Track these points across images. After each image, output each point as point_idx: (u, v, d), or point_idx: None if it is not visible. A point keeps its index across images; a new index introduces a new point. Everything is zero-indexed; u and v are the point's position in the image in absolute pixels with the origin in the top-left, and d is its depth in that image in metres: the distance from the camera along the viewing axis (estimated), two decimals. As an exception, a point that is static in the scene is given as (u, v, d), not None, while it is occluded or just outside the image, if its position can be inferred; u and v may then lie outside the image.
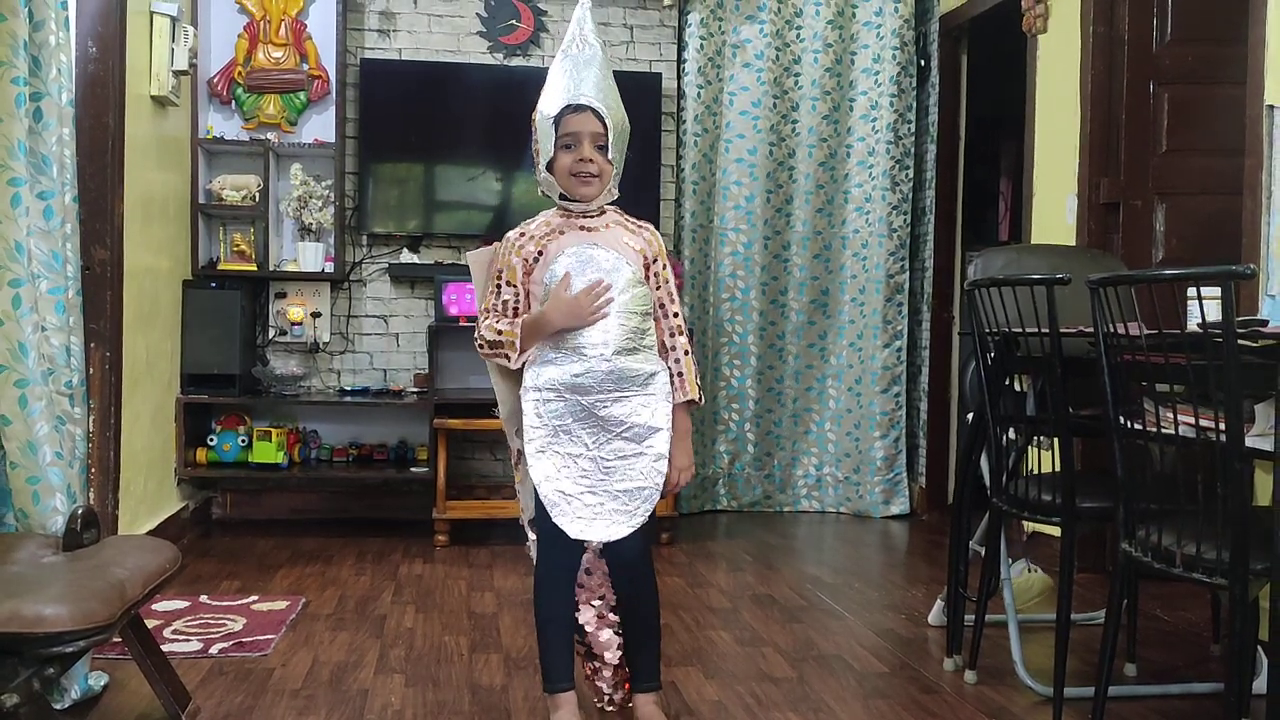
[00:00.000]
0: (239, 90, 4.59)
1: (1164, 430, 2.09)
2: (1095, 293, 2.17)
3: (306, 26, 4.65)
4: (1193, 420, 2.05)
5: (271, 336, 4.71)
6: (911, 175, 4.97)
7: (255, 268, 4.52)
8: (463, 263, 4.78)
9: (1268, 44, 3.05)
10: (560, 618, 2.31)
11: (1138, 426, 2.20)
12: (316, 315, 4.71)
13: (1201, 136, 3.77)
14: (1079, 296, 2.29)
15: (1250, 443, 1.96)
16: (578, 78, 2.21)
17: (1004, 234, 6.44)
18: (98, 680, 2.56)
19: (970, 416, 2.97)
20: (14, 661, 1.87)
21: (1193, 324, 2.12)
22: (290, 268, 4.60)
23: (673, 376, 2.30)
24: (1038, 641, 2.91)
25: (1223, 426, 1.94)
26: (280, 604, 3.35)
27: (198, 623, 3.13)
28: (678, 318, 2.34)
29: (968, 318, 2.79)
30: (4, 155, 2.30)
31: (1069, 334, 2.46)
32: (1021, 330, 2.52)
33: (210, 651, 2.88)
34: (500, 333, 2.25)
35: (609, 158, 2.22)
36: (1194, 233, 3.75)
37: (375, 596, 3.50)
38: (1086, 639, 2.99)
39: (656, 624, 2.40)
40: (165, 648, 2.51)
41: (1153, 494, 2.18)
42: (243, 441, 4.45)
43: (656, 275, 2.31)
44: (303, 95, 4.64)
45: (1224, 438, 1.94)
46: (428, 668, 2.82)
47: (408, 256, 4.77)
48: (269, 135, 4.58)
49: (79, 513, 2.29)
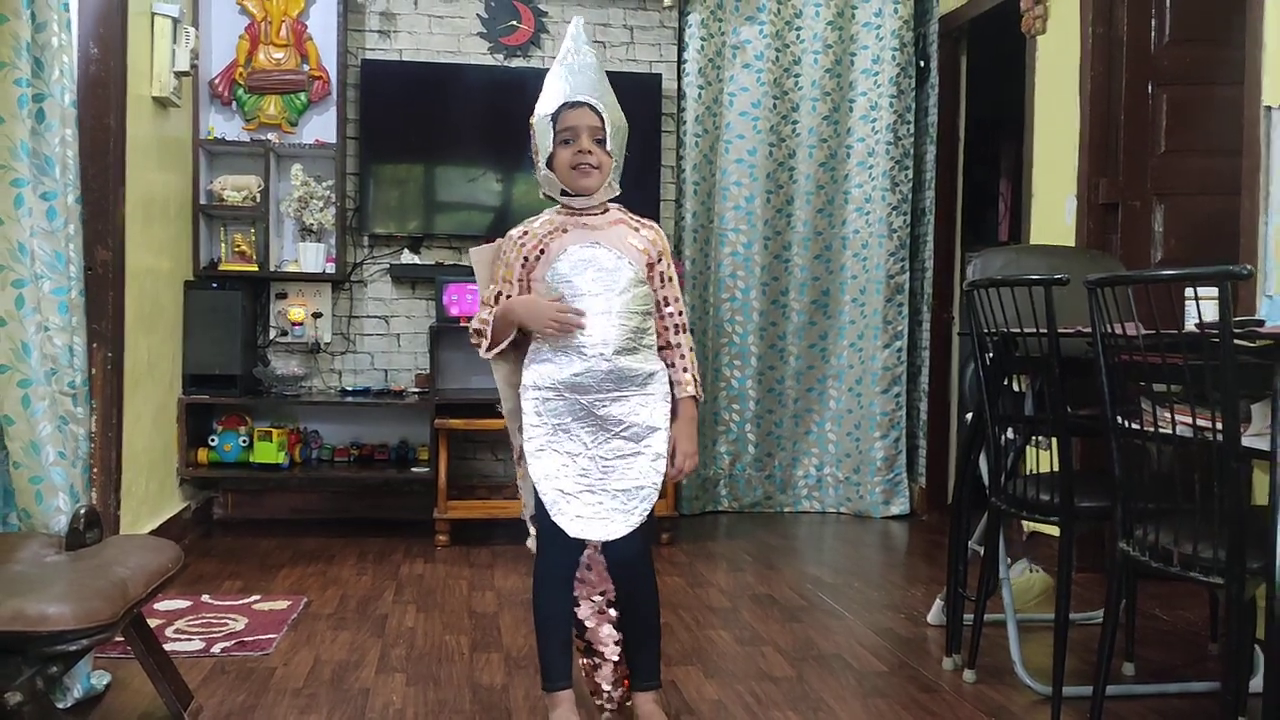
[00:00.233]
0: (240, 91, 4.61)
1: (1161, 430, 2.10)
2: (1093, 293, 2.18)
3: (307, 27, 4.67)
4: (1190, 420, 2.06)
5: (272, 337, 4.72)
6: (911, 176, 4.98)
7: (256, 268, 4.53)
8: (464, 263, 4.80)
9: (1265, 45, 3.06)
10: (559, 616, 2.32)
11: (1135, 426, 2.21)
12: (317, 316, 4.72)
13: (1200, 137, 3.78)
14: (1077, 297, 2.30)
15: (1247, 442, 1.97)
16: (573, 80, 2.24)
17: (1004, 234, 6.45)
18: (100, 679, 2.57)
19: (969, 416, 2.99)
20: (17, 660, 1.88)
21: (1190, 324, 2.13)
22: (291, 268, 4.61)
23: (677, 371, 2.31)
24: (1036, 641, 2.92)
25: (1219, 426, 1.95)
26: (282, 603, 3.36)
27: (199, 622, 3.14)
28: (681, 315, 2.35)
29: (967, 318, 2.80)
30: (7, 156, 2.32)
31: (1067, 334, 2.47)
32: (1020, 330, 2.53)
33: (212, 651, 2.89)
34: (483, 321, 2.28)
35: (607, 150, 2.23)
36: (1193, 233, 3.76)
37: (376, 596, 3.51)
38: (1085, 638, 3.00)
39: (656, 623, 2.41)
40: (167, 647, 2.52)
41: (1150, 493, 2.19)
42: (244, 442, 4.46)
43: (660, 274, 2.31)
44: (303, 96, 4.65)
45: (1220, 437, 1.95)
46: (429, 667, 2.83)
47: (408, 257, 4.78)
48: (270, 136, 4.59)
49: (82, 512, 2.30)
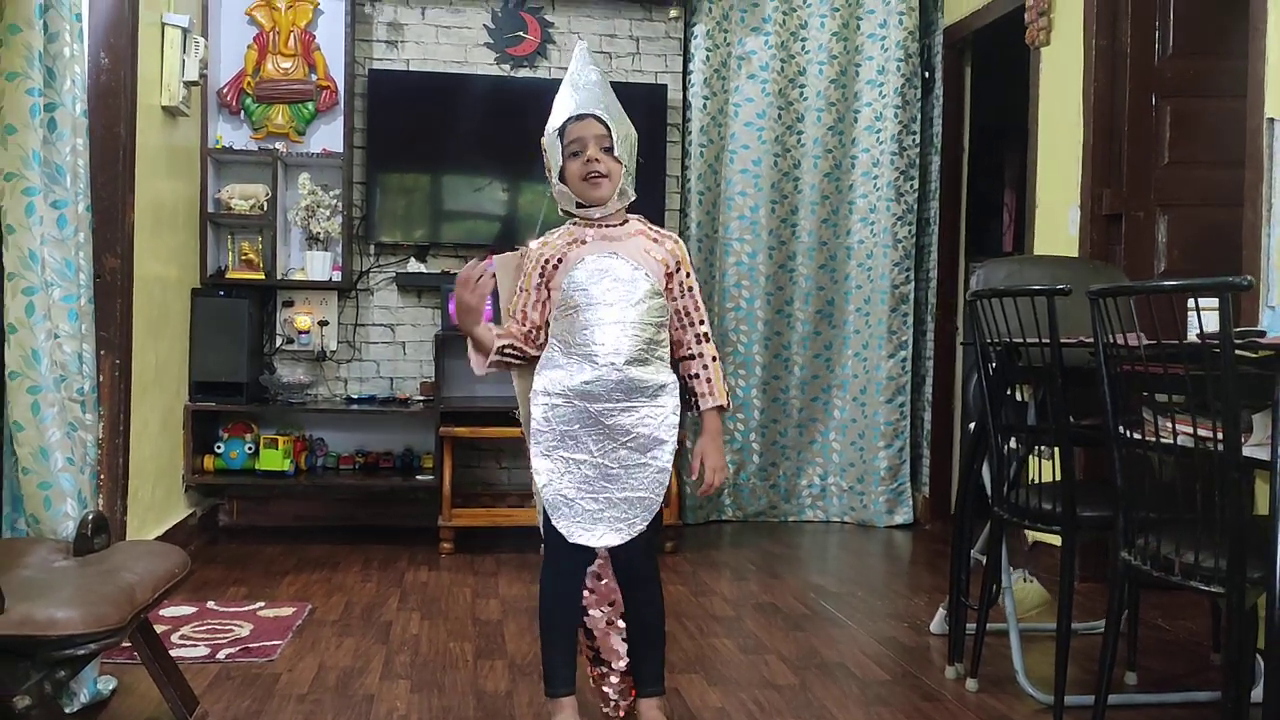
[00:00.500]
0: (248, 100, 4.64)
1: (1163, 440, 2.11)
2: (1095, 303, 2.19)
3: (315, 38, 4.70)
4: (1191, 430, 2.07)
5: (279, 345, 4.74)
6: (916, 186, 4.99)
7: (263, 276, 4.56)
8: (469, 272, 4.82)
9: (1267, 57, 3.07)
10: (565, 622, 2.33)
11: (1137, 436, 2.22)
12: (324, 324, 4.74)
13: (1203, 149, 3.79)
14: (1080, 307, 2.31)
15: (1248, 452, 1.98)
16: (578, 96, 2.28)
17: (1008, 245, 6.47)
18: (106, 684, 2.58)
19: (972, 426, 3.00)
20: (26, 664, 1.90)
21: (1192, 335, 2.14)
22: (298, 276, 4.64)
23: (700, 382, 2.32)
24: (1039, 650, 2.93)
25: (1220, 436, 1.96)
26: (287, 610, 3.38)
27: (205, 628, 3.16)
28: (703, 324, 2.35)
29: (970, 328, 2.82)
30: (19, 165, 2.34)
31: (1069, 344, 2.48)
32: (1023, 340, 2.54)
33: (217, 656, 2.90)
34: (501, 336, 2.33)
35: (616, 157, 2.25)
36: (1196, 244, 3.77)
37: (381, 603, 3.52)
38: (1087, 648, 3.00)
39: (661, 630, 2.42)
40: (173, 653, 2.53)
41: (1152, 503, 2.20)
42: (250, 449, 4.48)
43: (680, 284, 2.32)
44: (311, 105, 4.68)
45: (1221, 448, 1.96)
46: (433, 674, 2.84)
47: (415, 266, 4.80)
48: (277, 145, 4.62)
49: (89, 518, 2.32)
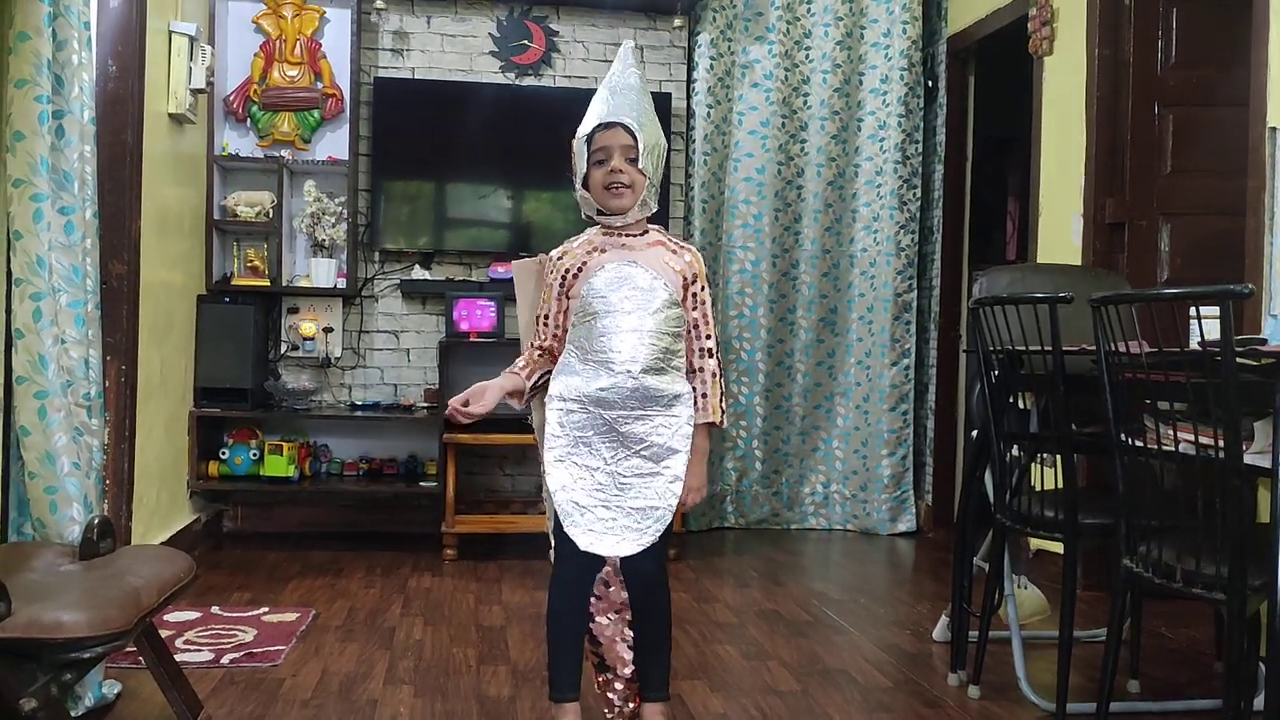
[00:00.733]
0: (254, 108, 4.66)
1: (1165, 448, 2.12)
2: (1097, 311, 2.20)
3: (321, 46, 4.72)
4: (1193, 438, 2.08)
5: (284, 351, 4.76)
6: (919, 195, 5.01)
7: (268, 283, 4.58)
8: (474, 279, 4.85)
9: (1270, 67, 3.09)
10: (571, 627, 2.33)
11: (1139, 444, 2.23)
12: (328, 330, 4.76)
13: (1205, 157, 3.80)
14: (1083, 315, 2.32)
15: (1249, 460, 1.99)
16: (612, 101, 2.27)
17: (1011, 253, 6.48)
18: (111, 689, 2.59)
19: (975, 433, 3.00)
20: (32, 667, 1.91)
21: (1194, 343, 2.14)
22: (303, 283, 4.66)
23: (697, 397, 2.32)
24: (1041, 657, 2.93)
25: (1222, 444, 1.96)
26: (290, 615, 3.38)
27: (209, 633, 3.17)
28: (710, 340, 2.36)
29: (973, 336, 2.82)
30: (27, 171, 2.36)
31: (1071, 352, 2.49)
32: (1025, 348, 2.55)
33: (221, 661, 2.91)
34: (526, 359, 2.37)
35: (640, 169, 2.24)
36: (1198, 253, 3.78)
37: (384, 609, 3.53)
38: (1090, 655, 3.00)
39: (668, 637, 2.42)
40: (177, 658, 2.54)
41: (1154, 510, 2.21)
42: (254, 455, 4.49)
43: (694, 296, 2.33)
44: (317, 113, 4.70)
45: (1223, 455, 1.96)
46: (436, 679, 2.85)
47: (419, 273, 4.82)
48: (283, 152, 4.64)
49: (95, 522, 2.34)
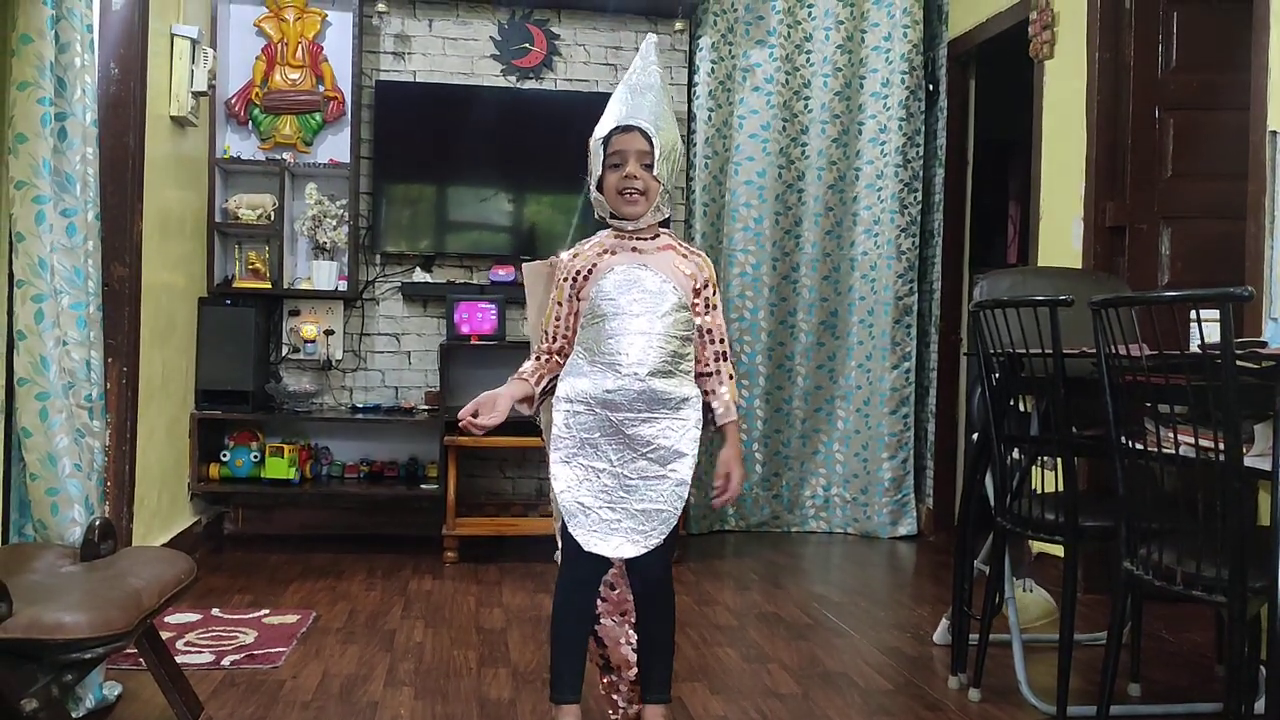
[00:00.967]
0: (256, 111, 4.67)
1: (1165, 450, 2.12)
2: (1097, 314, 2.20)
3: (323, 49, 4.73)
4: (1193, 441, 2.08)
5: (285, 354, 4.76)
6: (920, 198, 5.01)
7: (270, 285, 4.58)
8: (475, 282, 4.86)
9: (1270, 71, 3.09)
10: (575, 629, 2.34)
11: (1140, 447, 2.23)
12: (329, 333, 4.76)
13: (1206, 161, 3.80)
14: (1083, 318, 2.32)
15: (1249, 463, 1.99)
16: (631, 103, 2.26)
17: (1012, 257, 6.48)
18: (111, 690, 2.59)
19: (975, 436, 3.00)
20: (33, 668, 1.91)
21: (1194, 346, 2.15)
22: (304, 286, 4.66)
23: (717, 399, 2.34)
24: (1042, 660, 2.93)
25: (1222, 447, 1.96)
26: (291, 617, 3.39)
27: (210, 635, 3.17)
28: (723, 343, 2.36)
29: (974, 339, 2.83)
30: (29, 173, 2.36)
31: (1072, 355, 2.49)
32: (1026, 351, 2.55)
33: (222, 663, 2.91)
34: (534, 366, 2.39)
35: (655, 175, 2.24)
36: (1199, 256, 3.78)
37: (385, 611, 3.53)
38: (1091, 659, 3.00)
39: (671, 639, 2.42)
40: (178, 659, 2.54)
41: (1154, 513, 2.21)
42: (255, 457, 4.49)
43: (706, 300, 2.32)
44: (318, 116, 4.71)
45: (1224, 458, 1.97)
46: (436, 681, 2.85)
47: (420, 275, 4.82)
48: (285, 155, 4.65)
49: (96, 524, 2.34)
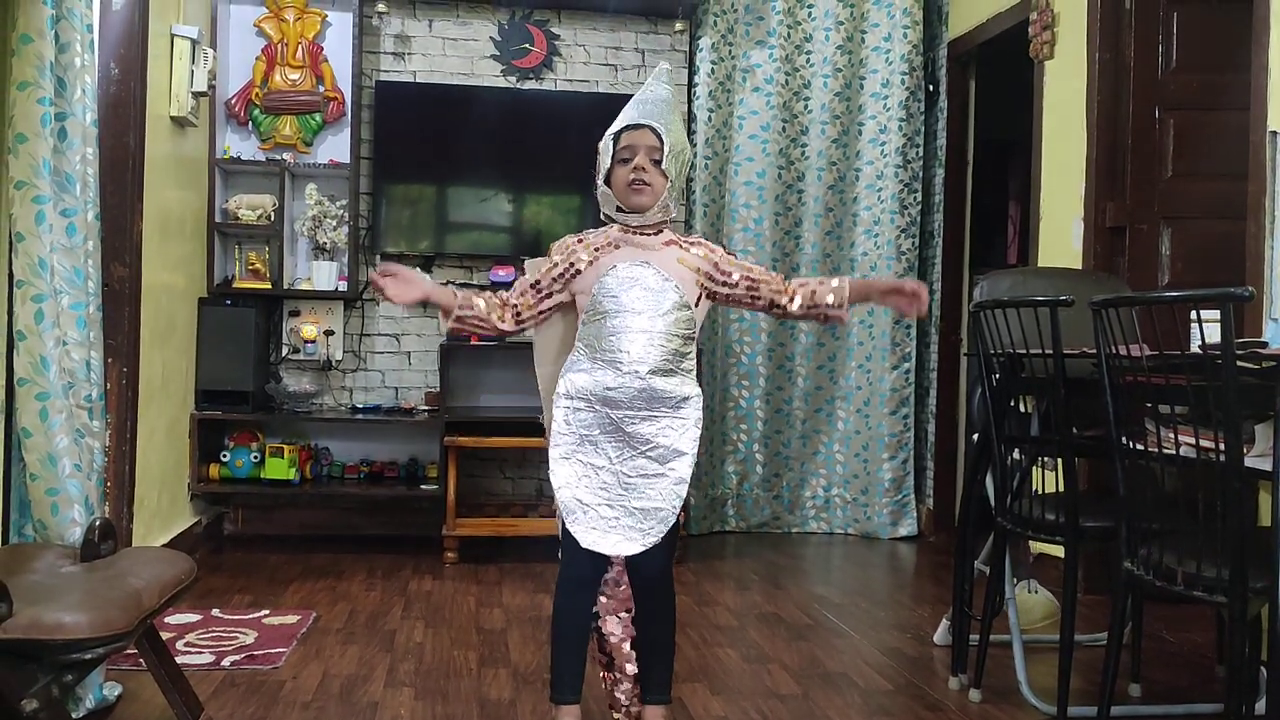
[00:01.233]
0: (256, 111, 4.66)
1: (1166, 451, 2.12)
2: (1098, 314, 2.20)
3: (323, 49, 4.73)
4: (1194, 441, 2.08)
5: (285, 354, 4.76)
6: (920, 199, 5.01)
7: (269, 286, 4.58)
8: (475, 283, 4.85)
9: (1271, 71, 3.09)
10: (575, 630, 2.33)
11: (1140, 447, 2.23)
12: (329, 333, 4.76)
13: (1206, 162, 3.80)
14: (1083, 318, 2.32)
15: (1250, 463, 1.99)
16: (641, 108, 2.30)
17: (1012, 258, 6.48)
18: (111, 690, 2.59)
19: (976, 437, 3.00)
20: (33, 668, 1.91)
21: (1194, 346, 2.15)
22: (304, 286, 4.66)
23: (816, 287, 2.36)
24: (1042, 661, 2.93)
25: (1223, 447, 1.96)
26: (291, 618, 3.38)
27: (210, 636, 3.17)
28: (764, 272, 2.36)
29: (974, 339, 2.83)
30: (29, 173, 2.36)
31: (1072, 355, 2.49)
32: (1026, 351, 2.55)
33: (222, 664, 2.91)
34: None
35: (663, 171, 2.25)
36: (1199, 256, 3.78)
37: (385, 611, 3.53)
38: (1092, 659, 2.99)
39: (672, 640, 2.42)
40: (178, 660, 2.54)
41: (1155, 513, 2.21)
42: (255, 458, 4.49)
43: (726, 274, 2.32)
44: (318, 117, 4.71)
45: (1224, 458, 1.96)
46: (437, 682, 2.85)
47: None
48: (285, 156, 4.65)
49: (96, 524, 2.34)
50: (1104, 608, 3.61)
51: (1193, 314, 2.24)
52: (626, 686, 2.43)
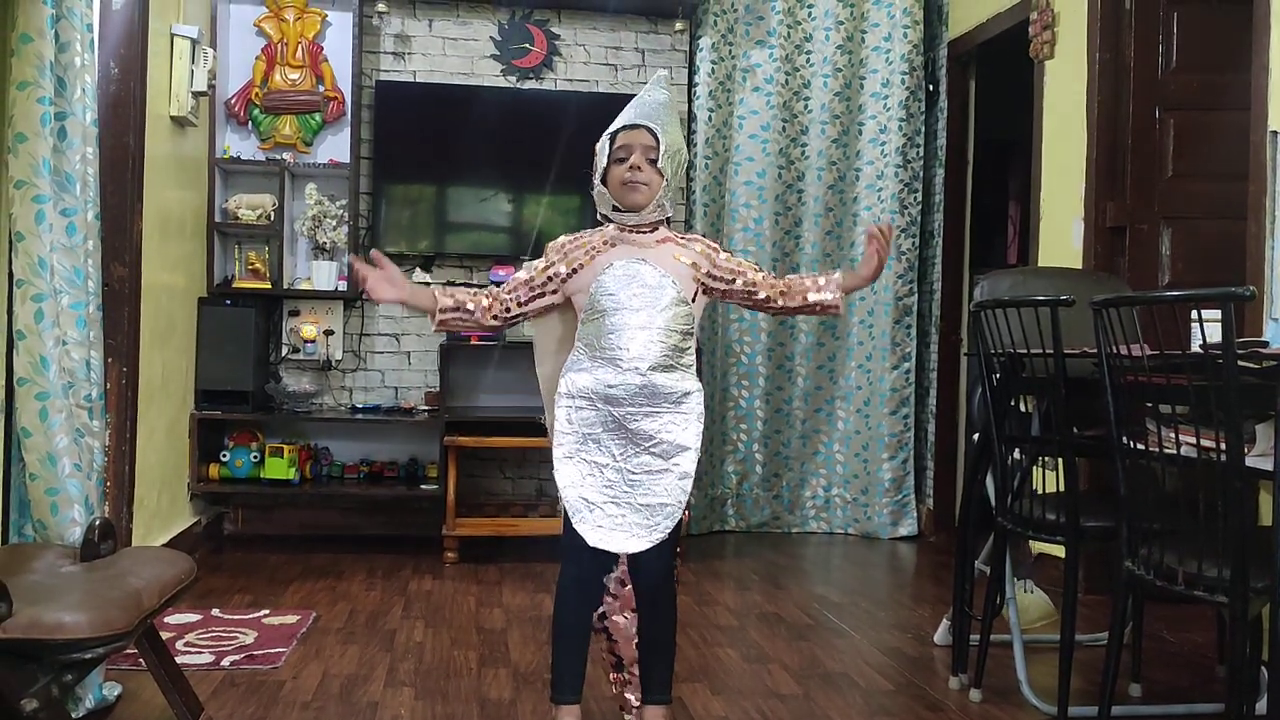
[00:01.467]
0: (256, 111, 4.66)
1: (1167, 451, 2.12)
2: (1098, 314, 2.20)
3: (323, 49, 4.73)
4: (1194, 441, 2.07)
5: (284, 354, 4.76)
6: (920, 199, 5.01)
7: (269, 286, 4.58)
8: (474, 282, 4.86)
9: (1271, 71, 3.09)
10: (575, 628, 2.33)
11: (1141, 447, 2.22)
12: (329, 333, 4.76)
13: (1206, 161, 3.80)
14: (1083, 318, 2.32)
15: (1251, 463, 1.99)
16: (639, 109, 2.31)
17: (1012, 258, 6.48)
18: (111, 690, 2.59)
19: (976, 437, 3.00)
20: (33, 668, 1.91)
21: (1195, 345, 2.15)
22: (304, 286, 4.66)
23: (814, 283, 2.35)
24: (1043, 661, 2.93)
25: (1224, 447, 1.96)
26: (291, 618, 3.38)
27: (210, 636, 3.16)
28: (760, 271, 2.37)
29: (974, 339, 2.82)
30: (29, 173, 2.36)
31: (1073, 355, 2.49)
32: (1026, 351, 2.55)
33: (222, 664, 2.91)
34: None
35: (659, 169, 2.26)
36: (1200, 256, 3.78)
37: (385, 611, 3.53)
38: (1092, 659, 2.99)
39: (673, 640, 2.42)
40: (177, 659, 2.54)
41: (1155, 513, 2.20)
42: (255, 457, 4.49)
43: (726, 270, 2.33)
44: (318, 116, 4.71)
45: (1225, 458, 1.96)
46: (437, 682, 2.85)
47: (420, 276, 4.82)
48: (285, 155, 4.65)
49: (96, 524, 2.33)
50: (1104, 608, 3.61)
51: (1193, 314, 2.24)
52: (635, 687, 2.42)
